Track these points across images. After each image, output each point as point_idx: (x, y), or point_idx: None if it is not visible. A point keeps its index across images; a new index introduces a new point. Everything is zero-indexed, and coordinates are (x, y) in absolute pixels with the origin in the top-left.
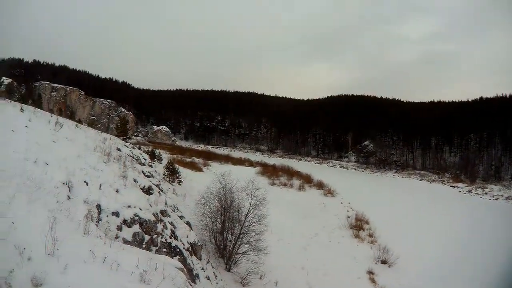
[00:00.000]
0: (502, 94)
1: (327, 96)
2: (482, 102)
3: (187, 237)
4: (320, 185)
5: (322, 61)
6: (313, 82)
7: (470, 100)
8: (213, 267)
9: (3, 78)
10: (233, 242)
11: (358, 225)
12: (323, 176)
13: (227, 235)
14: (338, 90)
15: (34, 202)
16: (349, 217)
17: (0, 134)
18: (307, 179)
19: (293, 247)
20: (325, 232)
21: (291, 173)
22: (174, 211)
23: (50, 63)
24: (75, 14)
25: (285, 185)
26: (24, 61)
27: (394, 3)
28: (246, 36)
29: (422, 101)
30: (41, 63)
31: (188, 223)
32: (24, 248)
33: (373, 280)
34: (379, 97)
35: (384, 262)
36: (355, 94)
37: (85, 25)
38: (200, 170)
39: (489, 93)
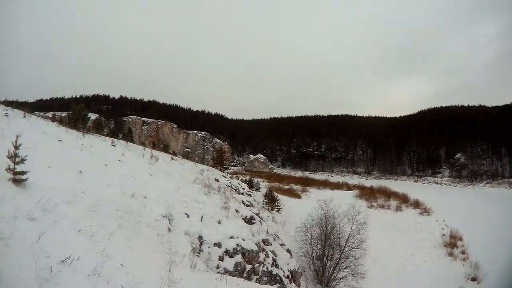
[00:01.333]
0: None
1: (418, 111)
2: None
3: (288, 264)
4: (416, 204)
5: (408, 75)
6: (403, 98)
7: None
8: None
9: (90, 113)
10: (332, 267)
11: (452, 242)
12: (419, 194)
13: (327, 261)
14: (427, 103)
15: (135, 236)
16: (443, 235)
17: (93, 168)
18: (403, 199)
19: (389, 269)
20: (421, 252)
21: (388, 194)
22: (275, 240)
23: (138, 99)
24: (162, 50)
25: (382, 206)
26: (111, 97)
27: (463, 8)
28: (329, 59)
29: (505, 103)
30: (129, 98)
31: (288, 251)
32: None
33: None
34: (466, 105)
35: (473, 279)
36: (443, 106)
37: (173, 60)
38: (298, 196)
39: None
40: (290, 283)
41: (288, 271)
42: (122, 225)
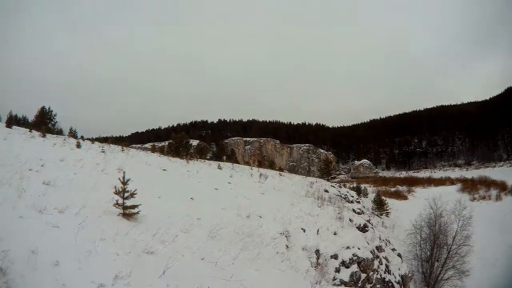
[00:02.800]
0: None
1: (506, 89)
2: None
3: (399, 269)
4: None
5: (485, 54)
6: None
7: None
8: None
9: (191, 140)
10: (439, 268)
11: None
12: None
13: (434, 261)
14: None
15: (257, 257)
16: None
17: (204, 194)
18: (502, 187)
19: (492, 264)
20: None
21: (488, 184)
22: (387, 245)
23: (237, 120)
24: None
25: (484, 198)
26: (209, 122)
27: None
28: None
29: None
30: (228, 120)
31: (399, 255)
32: None
33: None
34: None
35: None
36: None
37: (264, 77)
38: (405, 198)
39: None
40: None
41: (399, 276)
42: (243, 247)
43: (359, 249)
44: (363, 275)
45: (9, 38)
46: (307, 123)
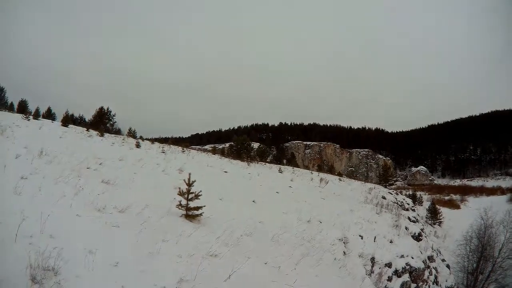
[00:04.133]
0: None
1: None
2: None
3: (446, 281)
4: None
5: None
6: None
7: None
8: None
9: (252, 142)
10: (483, 282)
11: None
12: None
13: (478, 274)
14: None
15: (317, 263)
16: None
17: (266, 197)
18: None
19: None
20: None
21: None
22: (437, 255)
23: (298, 123)
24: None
25: None
26: (270, 125)
27: None
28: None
29: None
30: (289, 124)
31: (448, 266)
32: None
33: None
34: None
35: None
36: None
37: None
38: (457, 207)
39: None
40: None
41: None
42: (304, 253)
43: (412, 258)
44: (413, 285)
45: (64, 39)
46: (366, 128)
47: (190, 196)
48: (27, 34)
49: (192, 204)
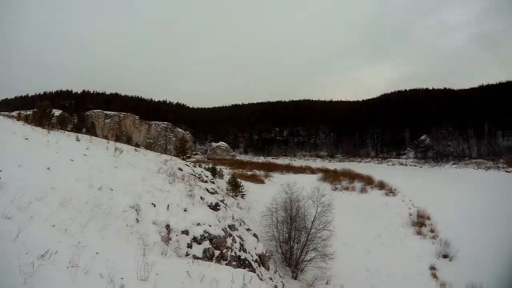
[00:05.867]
0: None
1: (381, 95)
2: None
3: (255, 249)
4: (381, 186)
5: (374, 61)
6: (367, 83)
7: None
8: (280, 276)
9: (54, 110)
10: (299, 250)
11: (420, 221)
12: (384, 175)
13: (293, 243)
14: (392, 87)
15: (106, 228)
16: (411, 215)
17: (61, 164)
18: (368, 181)
19: (357, 249)
20: (388, 232)
21: (352, 176)
22: (241, 225)
23: (101, 92)
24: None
25: (347, 188)
26: (73, 92)
27: None
28: (296, 45)
29: (472, 87)
30: (91, 92)
31: (255, 235)
32: (113, 276)
33: (434, 276)
34: (431, 88)
35: (445, 256)
36: (407, 89)
37: (135, 53)
38: (262, 182)
39: None
40: (259, 266)
41: (256, 255)
42: (93, 217)
43: (210, 226)
44: (217, 252)
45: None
46: (168, 101)
47: None
48: None
49: None
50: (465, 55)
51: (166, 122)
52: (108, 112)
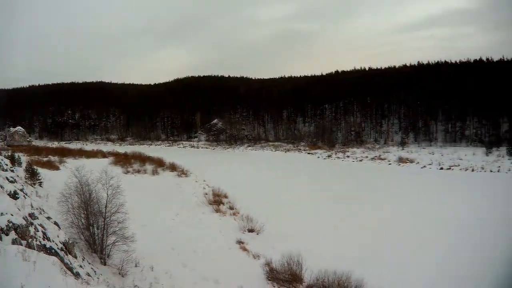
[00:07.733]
0: (360, 67)
1: (174, 79)
2: (338, 75)
3: (58, 237)
4: (173, 167)
5: (173, 47)
6: (164, 67)
7: (324, 74)
8: (89, 263)
9: None
10: (100, 235)
11: (217, 200)
12: (175, 158)
13: (93, 229)
14: (190, 73)
15: None
16: (206, 194)
17: None
18: (159, 163)
19: (158, 230)
20: (185, 211)
21: (143, 159)
22: (41, 213)
23: None
24: None
25: (138, 171)
26: None
27: None
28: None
29: (272, 77)
30: None
31: (56, 223)
32: None
33: (244, 249)
34: (227, 76)
35: (251, 230)
36: (201, 75)
37: None
38: (57, 168)
39: (346, 67)
40: (66, 255)
41: (60, 243)
42: None
43: (12, 215)
44: (24, 242)
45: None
46: None
47: None
48: None
49: None
50: (269, 49)
51: None
52: None
